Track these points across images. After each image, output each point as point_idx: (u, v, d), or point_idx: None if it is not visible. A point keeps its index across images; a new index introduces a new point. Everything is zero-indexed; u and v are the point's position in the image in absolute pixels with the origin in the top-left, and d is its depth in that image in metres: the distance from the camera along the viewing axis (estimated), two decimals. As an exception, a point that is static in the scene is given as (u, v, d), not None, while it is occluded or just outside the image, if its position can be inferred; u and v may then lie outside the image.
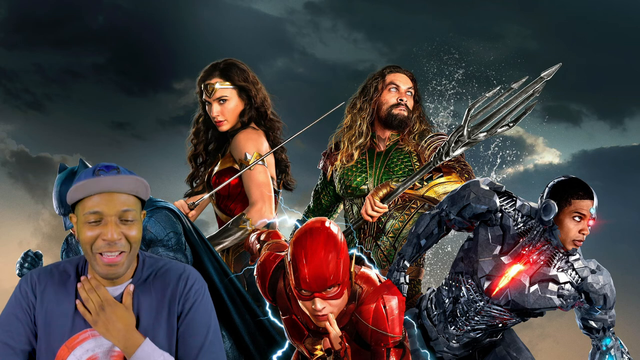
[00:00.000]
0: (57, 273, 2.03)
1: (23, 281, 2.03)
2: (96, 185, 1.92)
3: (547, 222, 2.64)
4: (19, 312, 1.99)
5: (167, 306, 2.01)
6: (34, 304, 1.99)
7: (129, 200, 1.95)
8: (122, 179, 1.94)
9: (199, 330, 2.03)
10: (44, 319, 1.98)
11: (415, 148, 3.47)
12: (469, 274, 2.80)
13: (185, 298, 2.02)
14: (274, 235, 2.87)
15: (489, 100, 3.09)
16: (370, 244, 3.44)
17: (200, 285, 2.06)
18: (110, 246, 1.92)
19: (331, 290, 2.24)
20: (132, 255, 1.97)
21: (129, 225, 1.94)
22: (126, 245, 1.94)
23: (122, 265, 1.95)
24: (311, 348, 2.44)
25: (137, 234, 1.96)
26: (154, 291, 2.02)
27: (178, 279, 2.03)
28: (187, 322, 2.02)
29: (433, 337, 2.91)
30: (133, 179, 1.96)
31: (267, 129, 3.38)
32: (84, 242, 1.94)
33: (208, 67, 3.38)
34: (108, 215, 1.92)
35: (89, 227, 1.92)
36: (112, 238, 1.91)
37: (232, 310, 2.91)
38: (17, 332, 1.98)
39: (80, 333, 1.98)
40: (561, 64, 3.05)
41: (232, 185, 3.28)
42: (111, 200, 1.93)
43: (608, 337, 2.85)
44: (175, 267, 2.07)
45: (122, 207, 1.93)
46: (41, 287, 2.00)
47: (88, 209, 1.92)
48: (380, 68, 3.58)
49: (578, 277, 2.75)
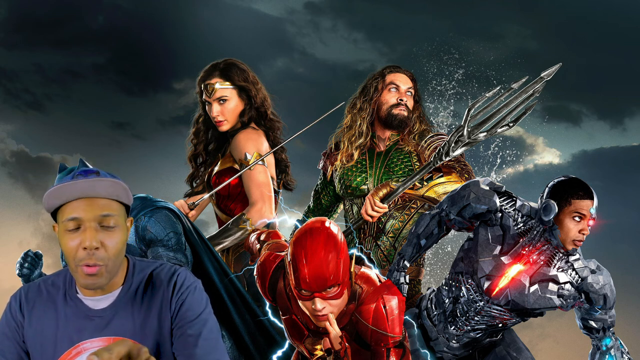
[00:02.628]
0: (45, 289, 1.97)
1: (12, 299, 1.98)
2: (71, 189, 1.82)
3: (547, 222, 2.64)
4: (7, 331, 1.96)
5: (160, 308, 1.95)
6: (22, 324, 1.95)
7: (110, 205, 1.85)
8: (98, 182, 1.83)
9: (195, 321, 1.95)
10: (33, 337, 1.94)
11: (415, 148, 3.47)
12: (469, 274, 2.80)
13: (177, 296, 1.95)
14: (274, 235, 2.87)
15: (489, 100, 3.09)
16: (370, 244, 3.44)
17: (190, 281, 1.98)
18: (89, 257, 1.82)
19: (331, 290, 2.24)
20: (111, 267, 1.87)
21: (110, 232, 1.84)
22: (105, 257, 1.84)
23: (101, 276, 1.86)
24: (311, 348, 2.44)
25: (118, 244, 1.86)
26: (147, 297, 1.95)
27: (169, 281, 1.97)
28: (181, 316, 1.94)
29: (433, 337, 2.92)
30: (110, 182, 1.85)
31: (267, 129, 3.38)
32: (66, 255, 1.85)
33: (208, 67, 3.38)
34: (86, 220, 1.82)
35: (69, 236, 1.83)
36: (90, 245, 1.81)
37: (232, 310, 2.91)
38: (9, 351, 1.95)
39: (73, 348, 1.92)
40: (561, 64, 3.05)
41: (232, 185, 3.28)
42: (90, 205, 1.82)
43: (608, 337, 2.85)
44: (165, 269, 1.99)
45: (102, 211, 1.83)
46: (29, 306, 1.95)
47: (66, 216, 1.83)
48: (380, 68, 3.58)
49: (578, 277, 2.75)
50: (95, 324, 1.94)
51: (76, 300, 1.95)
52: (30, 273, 2.85)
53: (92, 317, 1.94)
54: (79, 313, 1.94)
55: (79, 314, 1.94)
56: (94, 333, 1.93)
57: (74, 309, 1.95)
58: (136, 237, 2.76)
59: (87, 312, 1.94)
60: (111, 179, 1.86)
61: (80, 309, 1.95)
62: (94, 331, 1.93)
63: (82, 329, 1.93)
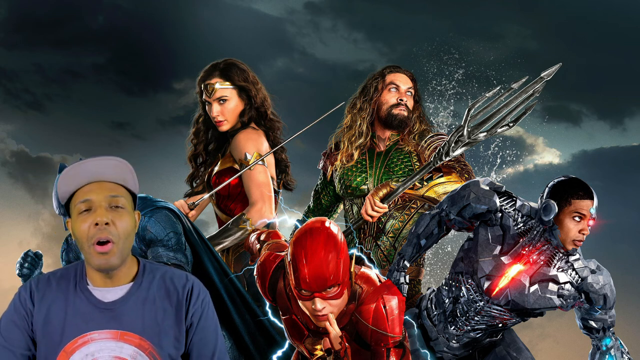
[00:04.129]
0: (54, 281, 2.03)
1: (22, 289, 2.04)
2: (81, 170, 1.95)
3: (547, 222, 2.64)
4: (17, 319, 2.00)
5: (174, 314, 2.02)
6: (32, 312, 2.00)
7: (117, 188, 1.97)
8: (105, 160, 1.97)
9: (211, 338, 2.06)
10: (41, 325, 1.99)
11: (415, 148, 3.47)
12: (469, 274, 2.80)
13: (194, 310, 2.04)
14: (274, 235, 2.87)
15: (489, 100, 3.09)
16: (370, 244, 3.44)
17: (205, 294, 2.08)
18: (100, 231, 1.91)
19: (331, 290, 2.24)
20: (122, 246, 1.96)
21: (119, 212, 1.95)
22: (115, 233, 1.93)
23: (113, 255, 1.94)
24: (311, 348, 2.44)
25: (127, 226, 1.96)
26: (159, 300, 2.01)
27: (183, 289, 2.04)
28: (199, 333, 2.04)
29: (433, 337, 2.92)
30: (117, 162, 1.98)
31: (267, 129, 3.38)
32: (80, 237, 1.94)
33: (208, 67, 3.38)
34: (97, 201, 1.93)
35: (82, 217, 1.93)
36: (101, 220, 1.91)
37: (232, 310, 2.91)
38: (17, 339, 1.99)
39: (79, 337, 1.97)
40: (561, 64, 3.05)
41: (232, 185, 3.28)
42: (100, 187, 1.95)
43: (608, 337, 2.85)
44: (177, 275, 2.07)
45: (111, 192, 1.95)
46: (39, 295, 2.01)
47: (79, 199, 1.94)
48: (380, 68, 3.58)
49: (578, 277, 2.75)
50: (104, 315, 1.98)
51: (86, 292, 2.00)
52: (30, 273, 2.85)
53: (102, 309, 1.99)
54: (88, 304, 1.99)
55: (88, 304, 1.99)
56: (102, 324, 1.98)
57: (83, 299, 2.00)
58: (136, 237, 2.76)
59: (97, 304, 1.99)
60: (116, 158, 1.99)
61: (90, 300, 1.99)
62: (102, 323, 1.98)
63: (90, 319, 1.98)
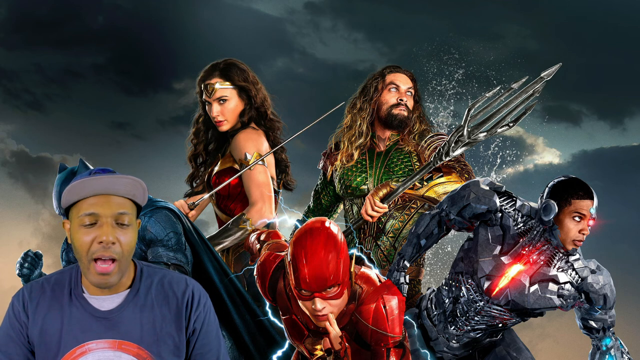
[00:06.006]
0: (48, 287, 1.98)
1: (15, 299, 1.98)
2: (93, 185, 1.86)
3: (547, 222, 2.64)
4: (12, 334, 1.96)
5: (174, 321, 1.98)
6: (27, 324, 1.95)
7: (125, 203, 1.90)
8: (119, 178, 1.88)
9: (213, 343, 2.05)
10: (38, 336, 1.94)
11: (415, 148, 3.47)
12: (469, 274, 2.80)
13: (196, 317, 2.00)
14: (274, 235, 2.87)
15: (489, 100, 3.09)
16: (370, 244, 3.44)
17: (205, 298, 2.04)
18: (104, 249, 1.85)
19: (331, 290, 2.24)
20: (124, 264, 1.91)
21: (124, 229, 1.89)
22: (119, 252, 1.88)
23: (114, 275, 1.89)
24: (311, 348, 2.44)
25: (131, 242, 1.90)
26: (157, 306, 1.98)
27: (183, 295, 2.00)
28: (202, 339, 2.02)
29: (433, 337, 2.92)
30: (131, 180, 1.90)
31: (267, 129, 3.38)
32: (79, 248, 1.88)
33: (208, 67, 3.38)
34: (104, 216, 1.86)
35: (84, 230, 1.87)
36: (107, 239, 1.85)
37: (232, 310, 2.91)
38: (15, 352, 1.95)
39: (77, 348, 1.93)
40: (561, 64, 3.04)
41: (232, 185, 3.28)
42: (107, 202, 1.87)
43: (608, 337, 2.85)
44: (176, 280, 2.02)
45: (119, 209, 1.88)
46: (33, 305, 1.95)
47: (83, 211, 1.86)
48: (380, 68, 3.58)
49: (578, 277, 2.75)
50: (101, 324, 1.94)
51: (82, 300, 1.96)
52: (30, 273, 2.85)
53: (99, 317, 1.94)
54: (85, 313, 1.95)
55: (85, 313, 1.94)
56: (100, 334, 1.94)
57: (79, 308, 1.95)
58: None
59: (94, 313, 1.95)
60: (131, 177, 1.90)
61: (86, 309, 1.95)
62: (100, 332, 1.94)
63: (87, 329, 1.94)
